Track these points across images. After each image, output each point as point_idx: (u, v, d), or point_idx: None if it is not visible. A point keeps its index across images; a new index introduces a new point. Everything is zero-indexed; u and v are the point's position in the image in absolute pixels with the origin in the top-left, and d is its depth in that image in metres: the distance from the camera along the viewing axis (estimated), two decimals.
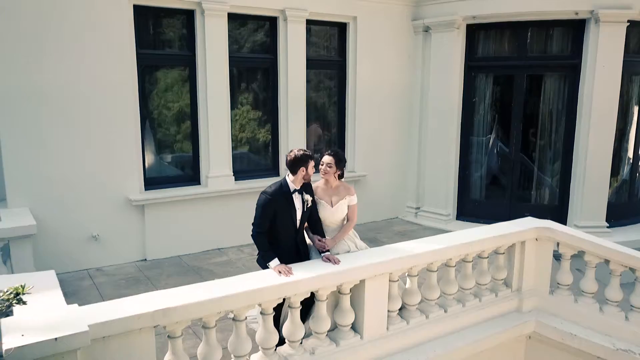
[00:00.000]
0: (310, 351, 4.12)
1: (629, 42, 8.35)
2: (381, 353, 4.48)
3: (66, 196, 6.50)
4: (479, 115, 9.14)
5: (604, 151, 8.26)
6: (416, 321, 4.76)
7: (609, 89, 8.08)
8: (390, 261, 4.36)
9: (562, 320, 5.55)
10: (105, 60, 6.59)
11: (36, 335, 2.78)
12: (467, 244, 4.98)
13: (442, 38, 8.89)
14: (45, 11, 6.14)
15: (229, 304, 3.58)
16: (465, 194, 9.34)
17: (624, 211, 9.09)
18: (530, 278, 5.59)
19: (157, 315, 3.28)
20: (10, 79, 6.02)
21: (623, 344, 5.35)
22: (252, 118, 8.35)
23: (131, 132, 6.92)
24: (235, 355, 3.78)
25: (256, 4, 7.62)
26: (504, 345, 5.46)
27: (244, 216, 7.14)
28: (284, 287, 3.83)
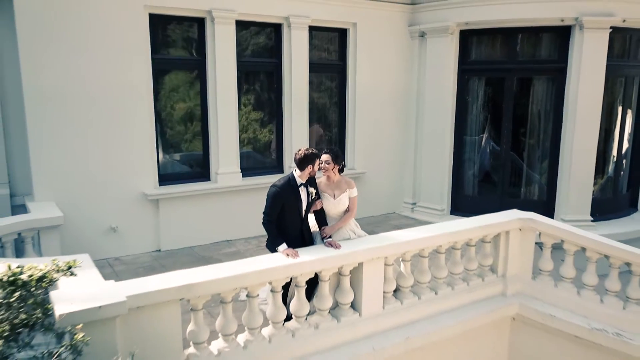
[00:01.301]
0: (315, 326, 4.63)
1: (613, 47, 8.84)
2: (377, 329, 4.98)
3: (87, 191, 7.01)
4: (472, 116, 9.65)
5: (588, 150, 8.75)
6: (409, 302, 5.26)
7: (593, 91, 8.57)
8: (385, 247, 4.86)
9: (543, 303, 6.05)
10: (124, 65, 7.10)
11: (83, 304, 3.29)
12: (455, 233, 5.48)
13: (437, 43, 9.39)
14: (71, 20, 6.65)
15: (243, 281, 4.09)
16: (459, 190, 9.84)
17: (609, 206, 9.58)
18: (515, 265, 6.09)
19: (183, 289, 3.79)
20: (38, 82, 6.53)
21: (598, 324, 5.85)
22: (258, 118, 8.86)
23: (146, 132, 7.43)
24: (249, 327, 4.29)
25: (262, 12, 8.12)
26: (490, 325, 5.97)
27: (250, 210, 7.72)
28: (291, 267, 4.34)
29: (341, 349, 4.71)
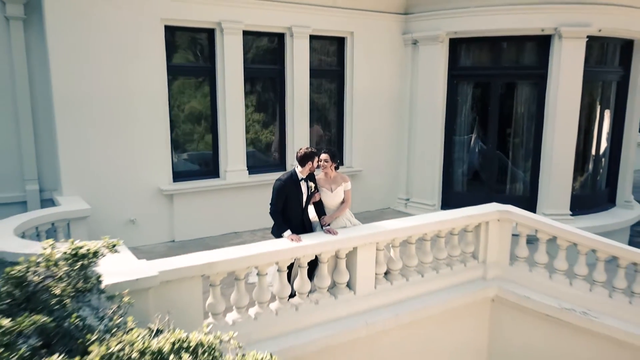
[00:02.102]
0: (315, 302, 5.30)
1: (591, 54, 9.50)
2: (370, 306, 5.65)
3: (109, 186, 7.68)
4: (461, 118, 10.30)
5: (567, 149, 9.39)
6: (398, 283, 5.93)
7: (571, 96, 9.20)
8: (376, 233, 5.54)
9: (519, 286, 6.72)
10: (142, 72, 7.75)
11: (123, 276, 3.97)
12: (439, 222, 6.16)
13: (428, 50, 10.04)
14: (96, 32, 7.29)
15: (255, 261, 4.77)
16: (449, 186, 10.50)
17: (588, 201, 10.23)
18: (494, 252, 6.76)
19: (205, 267, 4.46)
20: (67, 89, 7.19)
21: (567, 305, 6.52)
22: (262, 120, 9.52)
23: (162, 133, 8.09)
24: (259, 302, 4.96)
25: (267, 23, 8.78)
26: (472, 305, 6.63)
27: (256, 204, 8.41)
28: (295, 250, 5.01)
29: (338, 323, 5.39)
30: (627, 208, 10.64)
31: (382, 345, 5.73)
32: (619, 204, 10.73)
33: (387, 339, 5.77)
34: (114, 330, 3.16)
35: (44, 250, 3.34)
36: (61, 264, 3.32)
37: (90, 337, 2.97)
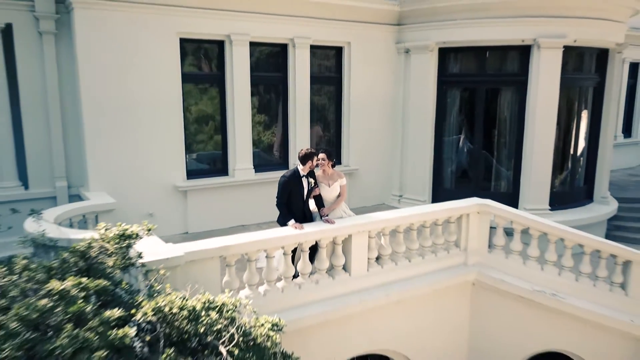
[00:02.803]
0: (315, 282, 6.08)
1: (568, 62, 10.27)
2: (363, 286, 6.43)
3: (130, 183, 8.45)
4: (449, 121, 11.07)
5: (546, 150, 10.15)
6: (388, 267, 6.71)
7: (549, 100, 9.96)
8: (368, 223, 6.31)
9: (496, 271, 7.49)
10: (159, 80, 8.52)
11: (157, 255, 4.73)
12: (424, 214, 6.93)
13: (419, 58, 10.80)
14: (119, 44, 8.07)
15: (264, 245, 5.55)
16: (438, 184, 11.25)
17: (567, 197, 11.01)
18: (474, 241, 7.53)
19: (222, 249, 5.24)
20: (94, 95, 7.97)
21: (538, 287, 7.30)
22: (267, 123, 10.31)
23: (177, 135, 8.87)
24: (267, 280, 5.74)
25: (271, 35, 9.55)
26: (454, 288, 7.41)
27: (262, 200, 9.19)
28: (298, 236, 5.78)
29: (335, 300, 6.17)
30: (603, 204, 11.41)
31: (374, 320, 6.50)
32: (596, 199, 11.50)
33: (379, 315, 6.55)
34: (155, 295, 3.94)
35: (99, 231, 4.13)
36: (112, 243, 4.10)
37: (138, 298, 3.75)
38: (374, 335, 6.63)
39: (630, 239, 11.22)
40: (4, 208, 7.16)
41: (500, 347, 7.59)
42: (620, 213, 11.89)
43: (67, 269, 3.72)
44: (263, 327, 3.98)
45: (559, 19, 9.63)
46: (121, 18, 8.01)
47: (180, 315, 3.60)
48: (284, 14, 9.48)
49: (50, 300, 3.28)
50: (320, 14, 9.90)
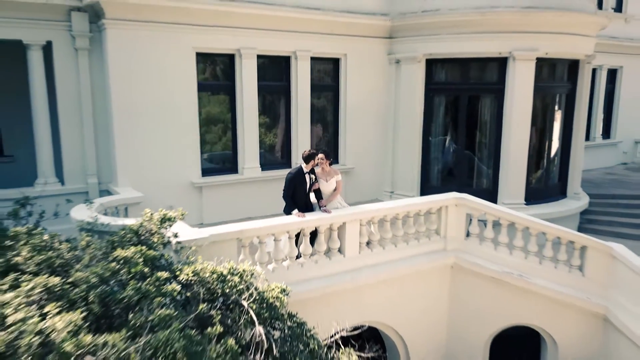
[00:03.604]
0: (315, 261, 7.13)
1: (541, 72, 11.31)
2: (355, 266, 7.48)
3: (153, 179, 9.47)
4: (436, 124, 12.10)
5: (521, 150, 11.18)
6: (377, 250, 7.76)
7: (524, 106, 10.99)
8: (359, 212, 7.38)
9: (472, 256, 8.53)
10: (178, 89, 9.56)
11: (187, 236, 5.78)
12: (407, 205, 7.99)
13: (408, 68, 11.83)
14: (145, 57, 9.10)
15: (273, 230, 6.60)
16: (426, 181, 12.27)
17: (541, 193, 12.04)
18: (452, 229, 8.57)
19: (238, 233, 6.29)
20: (123, 102, 9.02)
21: (508, 269, 8.34)
22: (272, 127, 11.36)
23: (193, 137, 9.91)
24: (275, 259, 6.79)
25: (276, 48, 10.59)
26: (435, 270, 8.45)
27: (267, 195, 10.22)
28: (301, 223, 6.84)
29: (332, 277, 7.22)
30: (575, 199, 12.46)
31: (365, 295, 7.55)
32: (569, 195, 12.54)
33: (369, 291, 7.59)
34: (190, 264, 4.99)
35: (145, 215, 5.18)
36: (155, 224, 5.16)
37: (177, 266, 4.80)
38: (365, 308, 7.67)
39: (600, 231, 12.22)
40: (46, 201, 8.19)
41: (476, 321, 8.64)
42: (592, 208, 12.94)
43: (125, 242, 4.77)
44: (273, 291, 5.03)
45: (531, 34, 10.67)
46: (146, 36, 9.06)
47: (211, 277, 4.66)
48: (287, 29, 10.52)
49: (117, 263, 4.35)
50: (320, 29, 10.95)
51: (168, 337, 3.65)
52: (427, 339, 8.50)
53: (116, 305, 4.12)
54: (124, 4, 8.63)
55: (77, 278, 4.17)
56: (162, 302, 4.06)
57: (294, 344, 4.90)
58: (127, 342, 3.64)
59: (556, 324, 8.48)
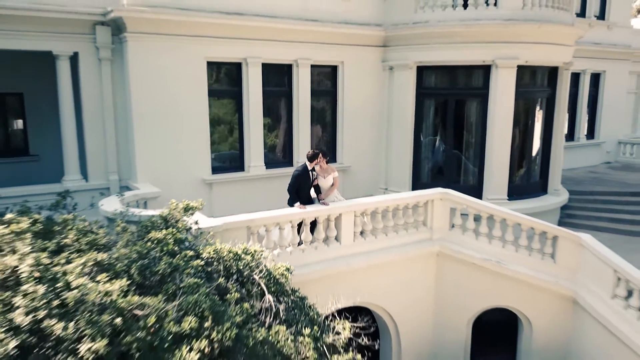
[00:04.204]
0: (315, 247, 8.00)
1: (522, 78, 12.17)
2: (350, 252, 8.35)
3: (169, 176, 10.33)
4: (426, 126, 12.98)
5: (504, 150, 12.04)
6: (369, 239, 8.63)
7: (506, 109, 11.86)
8: (353, 205, 8.25)
9: (455, 244, 9.40)
10: (191, 95, 10.43)
11: (204, 224, 6.65)
12: (396, 199, 8.86)
13: (401, 74, 12.70)
14: (161, 67, 9.96)
15: (278, 220, 7.48)
16: (417, 178, 13.13)
17: (524, 189, 12.90)
18: (438, 220, 9.44)
19: (248, 222, 7.17)
20: (142, 107, 9.89)
21: (487, 256, 9.21)
22: (276, 128, 12.23)
23: (204, 138, 10.78)
24: (280, 245, 7.67)
25: (279, 57, 11.46)
26: (423, 257, 9.31)
27: (271, 191, 11.08)
28: (303, 214, 7.72)
29: (329, 262, 8.09)
30: (555, 195, 13.33)
31: (359, 278, 8.40)
32: (550, 192, 13.42)
33: (363, 275, 8.46)
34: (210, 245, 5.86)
35: (171, 205, 6.06)
36: (179, 212, 6.03)
37: (199, 247, 5.68)
38: (359, 290, 8.45)
39: (579, 225, 13.05)
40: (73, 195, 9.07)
41: (459, 303, 9.50)
42: (571, 203, 13.82)
43: (155, 227, 5.65)
44: (279, 269, 5.90)
45: (512, 44, 11.54)
46: (162, 47, 9.93)
47: (228, 256, 5.53)
48: (289, 40, 11.39)
49: (152, 243, 5.23)
50: (319, 39, 11.82)
51: (197, 299, 4.53)
52: (415, 318, 9.38)
53: (152, 276, 5.00)
54: (143, 19, 9.50)
55: (121, 254, 5.06)
56: (190, 274, 4.94)
57: (296, 313, 5.77)
58: (164, 303, 4.53)
59: (530, 306, 9.34)
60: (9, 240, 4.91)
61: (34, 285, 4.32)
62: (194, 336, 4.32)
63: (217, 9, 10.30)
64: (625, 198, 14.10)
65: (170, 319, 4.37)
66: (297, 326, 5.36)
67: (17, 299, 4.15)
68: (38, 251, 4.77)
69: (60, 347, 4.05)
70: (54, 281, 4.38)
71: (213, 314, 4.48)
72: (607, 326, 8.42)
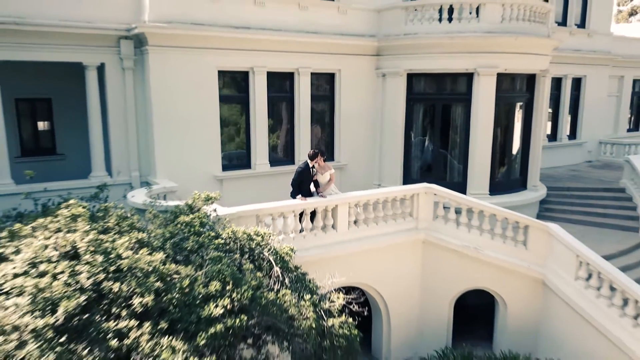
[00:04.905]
0: (314, 234, 9.09)
1: (502, 84, 13.23)
2: (345, 239, 9.43)
3: (184, 173, 11.40)
4: (416, 127, 14.06)
5: (485, 149, 13.08)
6: (362, 227, 9.72)
7: (487, 113, 12.91)
8: (348, 197, 9.35)
9: (438, 233, 10.48)
10: (204, 100, 11.51)
11: (221, 212, 7.74)
12: (385, 193, 9.96)
13: (392, 81, 13.76)
14: (178, 77, 11.04)
15: (282, 209, 8.57)
16: (408, 175, 14.19)
17: (504, 185, 13.94)
18: (423, 212, 10.51)
19: (257, 210, 8.25)
20: (162, 111, 10.96)
21: (467, 243, 10.29)
22: (279, 130, 13.32)
23: (215, 139, 11.86)
24: (284, 232, 8.76)
25: (282, 66, 12.53)
26: (409, 244, 10.38)
27: (275, 186, 12.16)
28: (304, 205, 8.80)
29: (327, 247, 9.17)
30: (534, 191, 14.40)
31: (352, 262, 9.47)
32: (529, 187, 14.48)
33: (356, 259, 9.54)
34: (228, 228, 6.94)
35: (195, 196, 7.15)
36: (201, 202, 7.13)
37: (218, 230, 6.78)
38: (353, 272, 9.51)
39: (555, 217, 14.08)
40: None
41: (443, 285, 10.58)
42: (549, 198, 14.88)
43: (183, 213, 6.75)
44: (284, 249, 6.97)
45: (492, 54, 12.61)
46: (179, 58, 11.02)
47: (243, 237, 6.63)
48: (291, 51, 12.48)
49: (181, 225, 6.33)
50: (318, 50, 12.89)
51: (220, 268, 5.63)
52: (403, 298, 10.46)
53: (182, 251, 6.11)
54: (163, 34, 10.60)
55: (157, 234, 6.16)
56: (213, 249, 6.04)
57: (298, 285, 6.85)
58: (194, 271, 5.64)
59: (505, 288, 10.42)
60: (67, 222, 6.02)
61: (92, 256, 5.43)
62: (218, 296, 5.41)
63: (227, 24, 11.39)
64: (598, 193, 15.16)
65: (199, 283, 5.48)
66: (299, 294, 6.45)
67: (81, 267, 5.25)
68: (90, 231, 5.87)
69: (116, 302, 5.16)
70: (107, 254, 5.49)
71: (233, 279, 5.58)
72: (571, 305, 9.53)
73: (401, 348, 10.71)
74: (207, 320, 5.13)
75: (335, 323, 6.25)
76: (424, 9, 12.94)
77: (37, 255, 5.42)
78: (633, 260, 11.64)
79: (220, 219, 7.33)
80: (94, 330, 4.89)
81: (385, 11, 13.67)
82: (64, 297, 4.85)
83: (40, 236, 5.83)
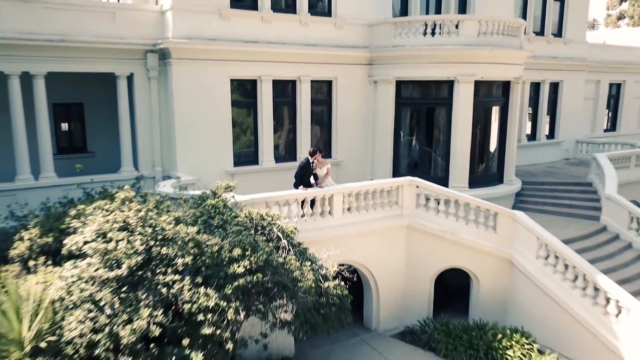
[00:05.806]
0: (314, 219, 10.58)
1: (480, 90, 14.70)
2: (340, 223, 10.90)
3: (201, 168, 12.86)
4: (404, 128, 15.53)
5: (465, 147, 14.54)
6: (354, 214, 11.20)
7: (465, 115, 14.34)
8: (342, 188, 10.84)
9: (420, 219, 11.96)
10: (219, 105, 12.97)
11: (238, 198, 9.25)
12: (374, 184, 11.45)
13: (383, 87, 15.22)
14: (197, 86, 12.53)
15: (287, 198, 10.06)
16: (397, 171, 15.63)
17: (482, 179, 15.36)
18: (407, 201, 11.99)
19: (266, 198, 9.74)
20: (182, 116, 12.43)
21: (444, 228, 11.77)
22: (282, 130, 14.82)
23: (228, 138, 13.34)
24: (288, 217, 10.25)
25: (285, 75, 14.00)
26: (395, 228, 11.86)
27: (279, 181, 13.61)
28: (305, 194, 10.29)
29: (324, 229, 10.64)
30: (509, 184, 15.87)
31: (346, 243, 10.88)
32: (505, 182, 15.95)
33: (350, 240, 10.99)
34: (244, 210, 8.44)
35: (217, 185, 8.65)
36: (221, 189, 8.63)
37: (236, 211, 8.28)
38: (347, 252, 11.00)
39: (528, 208, 15.47)
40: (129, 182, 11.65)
41: (424, 264, 12.05)
42: (524, 191, 16.34)
43: (208, 198, 8.25)
44: (289, 228, 8.47)
45: (470, 64, 14.09)
46: (197, 69, 12.51)
47: (257, 217, 8.13)
48: (294, 61, 13.95)
49: (208, 207, 7.84)
50: (317, 60, 14.36)
51: (241, 239, 7.13)
52: (390, 275, 11.94)
53: (210, 227, 7.61)
54: (183, 48, 12.09)
55: (189, 213, 7.68)
56: (234, 225, 7.56)
57: (301, 256, 8.36)
58: (221, 241, 7.14)
59: (478, 266, 11.90)
60: (120, 204, 7.54)
61: (142, 228, 6.93)
62: (240, 259, 6.91)
63: (238, 39, 12.89)
64: (568, 187, 16.63)
65: (225, 249, 6.97)
66: (301, 262, 7.95)
67: (134, 236, 6.77)
68: (140, 210, 7.37)
69: (163, 262, 6.67)
70: (154, 227, 6.99)
71: (251, 247, 7.08)
72: (532, 279, 11.05)
73: (389, 319, 12.19)
74: (232, 276, 6.63)
75: (331, 285, 7.73)
76: (410, 24, 14.41)
77: (101, 228, 6.93)
78: (591, 243, 13.14)
79: (238, 204, 8.83)
80: (147, 282, 6.40)
81: (377, 26, 15.14)
82: (125, 257, 6.37)
83: (99, 214, 7.35)
